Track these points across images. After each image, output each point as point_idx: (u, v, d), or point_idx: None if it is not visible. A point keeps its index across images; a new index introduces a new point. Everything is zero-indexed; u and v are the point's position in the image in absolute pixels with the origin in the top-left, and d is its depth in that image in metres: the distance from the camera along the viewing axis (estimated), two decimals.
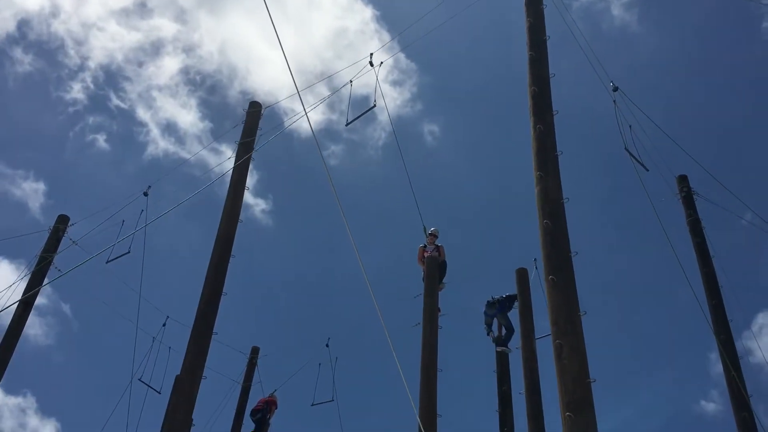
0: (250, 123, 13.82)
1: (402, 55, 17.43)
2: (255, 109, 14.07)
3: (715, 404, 29.09)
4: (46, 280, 15.86)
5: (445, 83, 41.42)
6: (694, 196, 15.32)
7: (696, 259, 14.57)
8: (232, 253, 12.00)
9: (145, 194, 15.23)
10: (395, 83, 40.00)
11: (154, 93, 40.85)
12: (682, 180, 15.62)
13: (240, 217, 12.54)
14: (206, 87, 42.29)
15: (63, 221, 16.81)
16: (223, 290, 11.58)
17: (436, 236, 13.94)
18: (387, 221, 36.80)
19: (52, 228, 16.62)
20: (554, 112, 9.28)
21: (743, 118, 34.80)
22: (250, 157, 13.30)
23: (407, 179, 13.26)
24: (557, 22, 11.39)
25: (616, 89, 12.23)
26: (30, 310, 15.52)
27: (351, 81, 13.00)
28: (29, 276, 15.76)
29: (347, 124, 12.80)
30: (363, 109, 13.27)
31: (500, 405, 13.58)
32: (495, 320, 14.75)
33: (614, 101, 12.15)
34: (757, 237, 13.70)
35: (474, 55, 39.16)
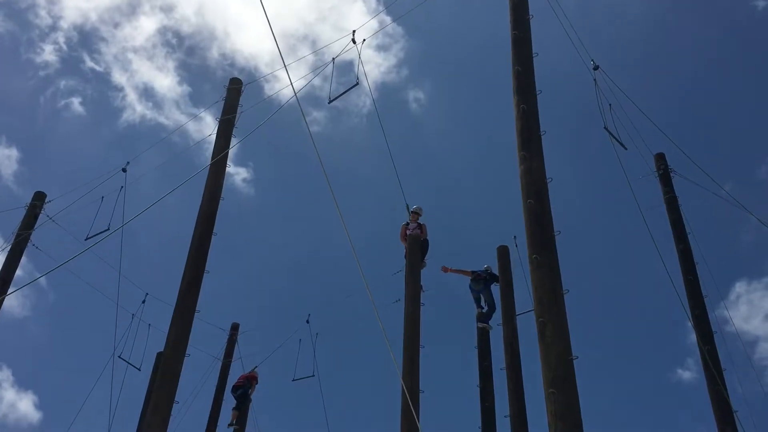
0: (231, 100, 13.69)
1: (388, 19, 17.08)
2: (235, 86, 13.94)
3: (691, 372, 29.83)
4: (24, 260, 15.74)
5: (433, 49, 40.50)
6: (671, 174, 15.52)
7: (672, 235, 14.81)
8: (214, 231, 11.97)
9: (124, 170, 15.10)
10: (380, 48, 39.11)
11: (130, 55, 39.77)
12: (660, 158, 15.80)
13: (222, 195, 12.49)
14: (184, 49, 41.11)
15: (40, 198, 16.62)
16: (206, 268, 11.59)
17: (419, 215, 14.00)
18: (371, 192, 36.48)
19: (28, 205, 16.45)
20: (537, 92, 9.33)
21: (727, 90, 35.12)
22: (231, 133, 13.22)
23: (393, 148, 13.28)
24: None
25: (596, 68, 12.30)
26: (7, 288, 15.37)
27: (333, 59, 12.92)
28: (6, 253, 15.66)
29: (330, 102, 12.77)
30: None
31: (481, 380, 13.78)
32: (481, 295, 14.88)
33: (594, 80, 12.24)
34: (733, 211, 13.89)
35: (464, 19, 38.44)
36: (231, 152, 13.10)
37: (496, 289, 14.72)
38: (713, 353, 12.93)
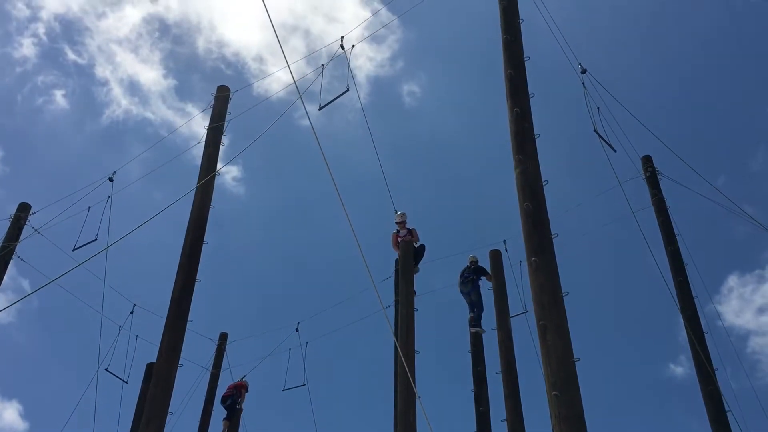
0: (219, 108, 13.61)
1: (384, 10, 16.64)
2: (223, 93, 13.86)
3: (683, 368, 30.01)
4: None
5: (427, 41, 39.28)
6: (659, 176, 15.61)
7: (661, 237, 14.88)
8: (205, 240, 11.88)
9: (111, 180, 14.97)
10: (374, 40, 38.40)
11: (114, 47, 38.76)
12: (647, 160, 15.87)
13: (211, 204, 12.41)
14: (170, 39, 40.11)
15: (24, 209, 16.41)
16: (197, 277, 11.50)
17: (403, 221, 13.81)
18: (363, 190, 35.80)
19: (12, 216, 16.22)
20: (530, 95, 9.34)
21: (717, 85, 35.21)
22: (219, 141, 13.14)
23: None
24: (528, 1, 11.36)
25: (584, 71, 12.39)
26: None
27: (323, 66, 12.87)
28: None
29: (320, 109, 12.71)
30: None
31: (475, 385, 13.75)
32: (471, 296, 14.82)
33: (583, 84, 12.32)
34: (726, 203, 13.99)
35: (458, 9, 37.74)
36: (221, 151, 13.07)
37: (486, 284, 14.71)
38: (705, 354, 13.01)
